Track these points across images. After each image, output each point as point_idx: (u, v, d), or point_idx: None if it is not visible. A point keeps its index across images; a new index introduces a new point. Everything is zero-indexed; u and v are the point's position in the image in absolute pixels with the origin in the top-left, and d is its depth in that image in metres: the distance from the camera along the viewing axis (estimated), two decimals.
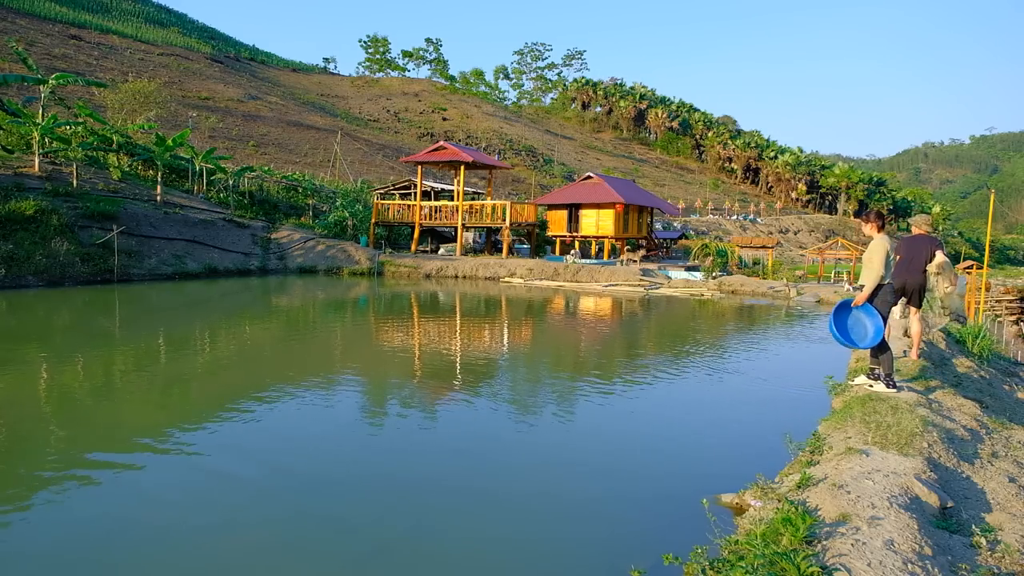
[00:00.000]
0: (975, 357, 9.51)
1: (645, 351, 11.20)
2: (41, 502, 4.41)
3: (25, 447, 5.54)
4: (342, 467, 5.22)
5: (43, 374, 8.03)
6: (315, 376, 8.31)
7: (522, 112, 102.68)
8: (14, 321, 12.73)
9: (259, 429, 6.07)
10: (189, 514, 4.30)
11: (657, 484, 5.05)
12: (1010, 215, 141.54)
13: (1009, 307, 25.45)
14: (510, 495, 4.80)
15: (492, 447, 5.82)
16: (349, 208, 29.05)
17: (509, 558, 3.93)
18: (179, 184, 27.88)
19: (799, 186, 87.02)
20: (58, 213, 19.55)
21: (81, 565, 3.71)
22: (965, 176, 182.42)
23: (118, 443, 5.69)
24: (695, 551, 3.26)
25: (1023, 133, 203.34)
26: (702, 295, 20.73)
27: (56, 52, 49.75)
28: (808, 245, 52.51)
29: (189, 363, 8.91)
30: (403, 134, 69.54)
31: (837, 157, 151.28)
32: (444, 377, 8.38)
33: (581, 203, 29.92)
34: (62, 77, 25.31)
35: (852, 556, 2.98)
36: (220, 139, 44.91)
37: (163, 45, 68.47)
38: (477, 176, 48.71)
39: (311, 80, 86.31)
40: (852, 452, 4.46)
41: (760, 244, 32.45)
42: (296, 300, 17.78)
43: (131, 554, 3.80)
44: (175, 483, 4.78)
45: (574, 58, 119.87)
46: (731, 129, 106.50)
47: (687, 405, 7.37)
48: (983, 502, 3.97)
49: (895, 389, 6.11)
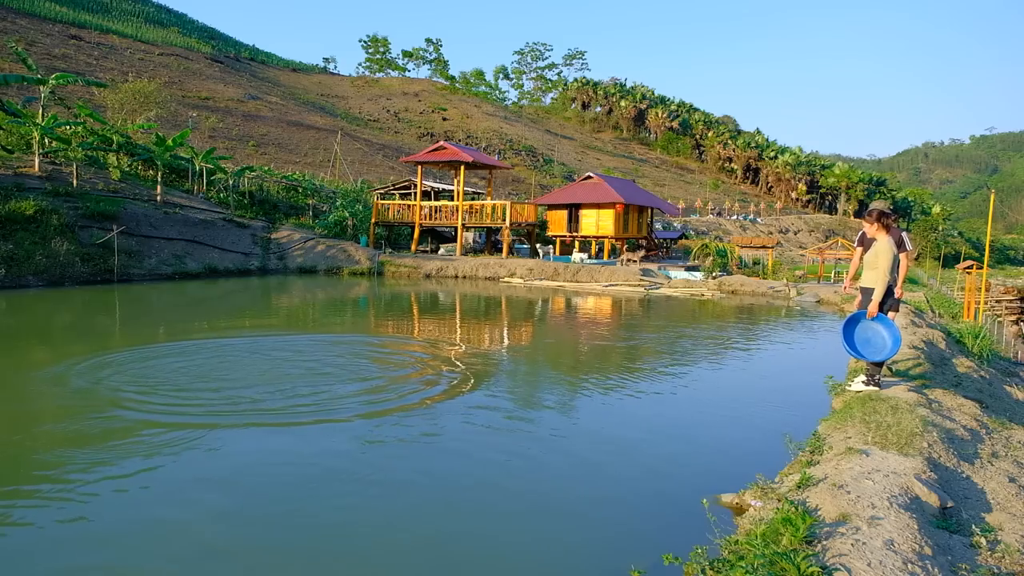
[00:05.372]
0: (975, 357, 9.52)
1: (645, 351, 11.20)
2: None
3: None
4: (342, 468, 5.21)
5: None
6: (314, 374, 8.31)
7: (522, 112, 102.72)
8: (21, 320, 12.73)
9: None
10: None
11: (657, 484, 5.05)
12: (1010, 215, 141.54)
13: (1009, 307, 25.47)
14: (509, 495, 4.80)
15: (490, 447, 5.81)
16: (349, 208, 29.04)
17: (508, 558, 3.93)
18: (179, 184, 27.87)
19: (799, 186, 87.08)
20: (58, 213, 19.55)
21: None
22: (965, 176, 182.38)
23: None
24: (695, 551, 3.26)
25: (1023, 133, 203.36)
26: (702, 295, 20.73)
27: (56, 52, 49.75)
28: (808, 245, 52.51)
29: (193, 363, 8.91)
30: (403, 134, 69.55)
31: (837, 157, 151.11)
32: (443, 377, 8.37)
33: (581, 203, 29.93)
34: (62, 77, 25.30)
35: (852, 556, 2.98)
36: (220, 139, 44.93)
37: (163, 45, 68.48)
38: (477, 176, 48.72)
39: (311, 80, 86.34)
40: (852, 452, 4.46)
41: (760, 244, 32.44)
42: (296, 300, 17.78)
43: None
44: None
45: (574, 58, 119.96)
46: (731, 129, 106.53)
47: (687, 405, 7.36)
48: (983, 502, 3.97)
49: (877, 387, 6.20)
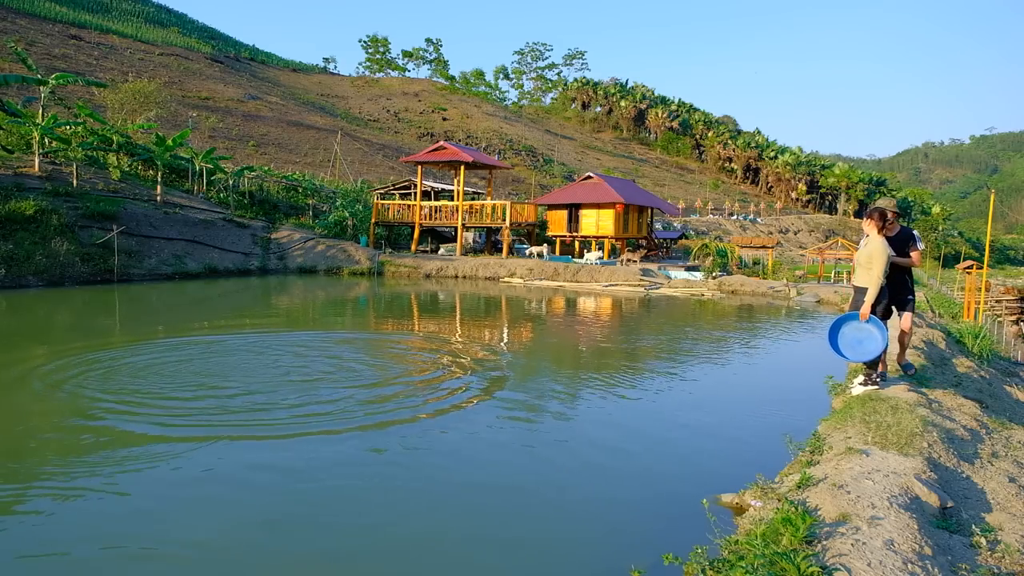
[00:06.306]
0: (975, 357, 9.52)
1: (645, 351, 11.20)
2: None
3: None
4: (344, 471, 5.21)
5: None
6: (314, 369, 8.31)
7: (522, 112, 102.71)
8: (24, 320, 12.73)
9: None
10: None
11: (657, 484, 5.05)
12: (1010, 215, 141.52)
13: (1009, 307, 25.47)
14: (509, 495, 4.80)
15: (491, 447, 5.81)
16: (349, 208, 29.04)
17: (508, 558, 3.93)
18: (179, 184, 27.87)
19: (799, 186, 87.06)
20: (58, 213, 19.55)
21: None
22: (965, 176, 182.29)
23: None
24: (695, 551, 3.26)
25: (1023, 133, 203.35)
26: (702, 295, 20.73)
27: (56, 52, 49.74)
28: (808, 245, 52.51)
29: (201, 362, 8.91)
30: (403, 134, 69.55)
31: (837, 157, 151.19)
32: (442, 377, 8.37)
33: (581, 203, 29.91)
34: (62, 77, 25.30)
35: (852, 556, 2.98)
36: (220, 139, 44.92)
37: (163, 45, 68.48)
38: (477, 176, 48.71)
39: (311, 80, 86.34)
40: (852, 452, 4.46)
41: (760, 244, 32.45)
42: (296, 299, 17.78)
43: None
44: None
45: (574, 58, 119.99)
46: (731, 129, 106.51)
47: (687, 405, 7.36)
48: (983, 502, 3.97)
49: (876, 386, 6.17)
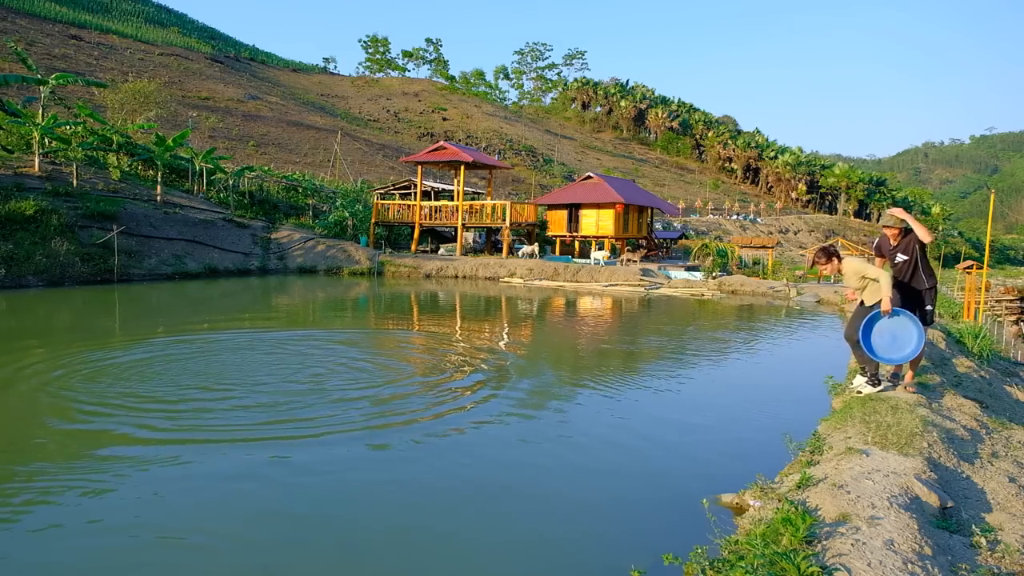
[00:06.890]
0: (975, 357, 9.52)
1: (644, 351, 11.19)
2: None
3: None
4: (345, 471, 5.21)
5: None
6: (313, 369, 8.31)
7: (522, 112, 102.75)
8: (24, 320, 12.72)
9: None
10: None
11: (657, 484, 5.05)
12: (1010, 215, 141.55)
13: (1009, 307, 25.50)
14: (509, 495, 4.80)
15: (490, 446, 5.81)
16: (349, 208, 29.04)
17: (508, 558, 3.93)
18: (179, 184, 27.87)
19: (799, 186, 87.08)
20: (58, 213, 19.55)
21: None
22: (965, 176, 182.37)
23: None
24: (695, 551, 3.26)
25: (1023, 133, 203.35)
26: (702, 295, 20.73)
27: (56, 52, 49.77)
28: (808, 245, 52.51)
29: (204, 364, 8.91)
30: (403, 134, 69.55)
31: (837, 157, 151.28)
32: (441, 377, 8.37)
33: (581, 203, 29.92)
34: (62, 77, 25.31)
35: (852, 556, 2.98)
36: (220, 139, 44.93)
37: (163, 45, 68.51)
38: (477, 176, 48.71)
39: (311, 80, 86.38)
40: (852, 452, 4.46)
41: (760, 244, 32.43)
42: (297, 299, 17.78)
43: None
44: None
45: (574, 58, 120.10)
46: (731, 129, 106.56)
47: (687, 405, 7.36)
48: (983, 502, 3.97)
49: (879, 387, 6.15)
